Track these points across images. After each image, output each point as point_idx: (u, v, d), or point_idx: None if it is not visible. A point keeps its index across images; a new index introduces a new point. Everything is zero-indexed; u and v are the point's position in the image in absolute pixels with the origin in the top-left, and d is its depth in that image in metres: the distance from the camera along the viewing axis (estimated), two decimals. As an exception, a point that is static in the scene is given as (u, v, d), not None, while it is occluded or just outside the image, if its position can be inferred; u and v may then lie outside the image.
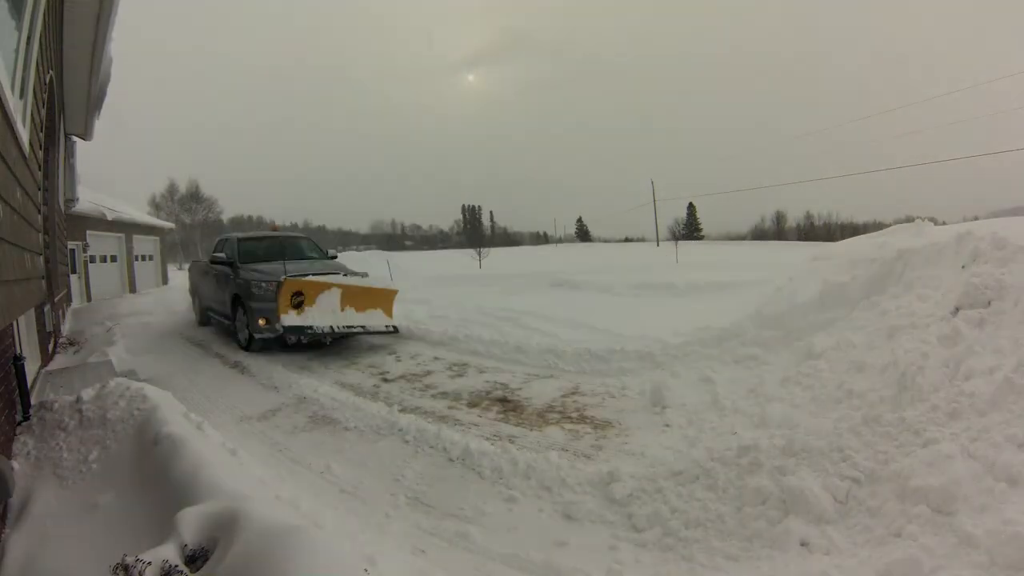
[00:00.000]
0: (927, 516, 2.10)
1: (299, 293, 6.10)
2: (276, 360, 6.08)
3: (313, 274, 6.53)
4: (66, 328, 8.16)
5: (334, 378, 5.36)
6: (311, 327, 6.05)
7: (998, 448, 2.26)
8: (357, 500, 2.97)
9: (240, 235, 8.08)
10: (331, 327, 6.17)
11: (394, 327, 6.81)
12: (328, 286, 6.33)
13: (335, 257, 8.59)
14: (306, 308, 6.11)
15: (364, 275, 7.23)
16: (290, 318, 5.98)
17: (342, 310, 6.40)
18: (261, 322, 6.21)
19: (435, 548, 2.50)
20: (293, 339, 6.25)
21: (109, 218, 13.34)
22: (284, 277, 6.03)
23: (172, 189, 47.59)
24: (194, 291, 9.24)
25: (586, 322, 6.46)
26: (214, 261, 7.63)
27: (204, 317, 8.66)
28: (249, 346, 6.59)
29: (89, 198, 12.75)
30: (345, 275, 6.92)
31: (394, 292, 7.09)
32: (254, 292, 6.31)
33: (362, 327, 6.50)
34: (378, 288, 6.92)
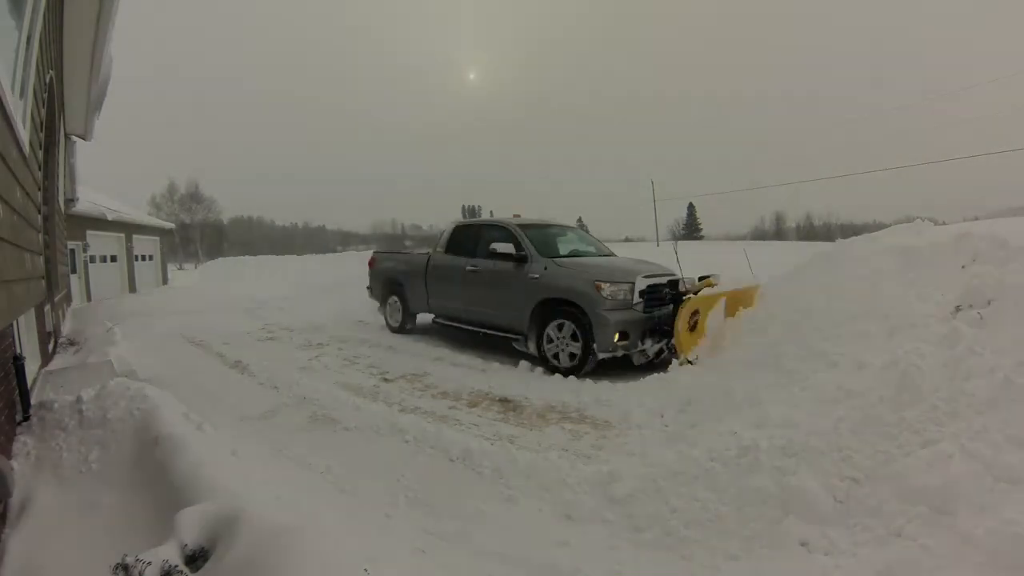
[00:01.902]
0: (927, 516, 2.10)
1: (696, 312, 4.79)
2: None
3: (648, 275, 5.19)
4: (66, 328, 8.16)
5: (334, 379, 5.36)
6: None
7: (998, 448, 2.26)
8: (357, 500, 2.97)
9: (519, 222, 6.18)
10: None
11: None
12: (717, 298, 4.92)
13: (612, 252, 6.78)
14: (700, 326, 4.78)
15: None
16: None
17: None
18: (616, 337, 4.77)
19: (435, 548, 2.50)
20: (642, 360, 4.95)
21: (109, 218, 13.34)
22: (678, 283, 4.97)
23: (172, 189, 47.68)
24: (391, 291, 7.56)
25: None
26: (493, 255, 5.78)
27: (406, 323, 7.29)
28: (581, 367, 4.94)
29: (89, 198, 12.76)
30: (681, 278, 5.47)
31: (756, 288, 5.27)
32: (605, 298, 4.83)
33: None
34: (748, 288, 5.27)
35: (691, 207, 68.60)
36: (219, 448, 2.83)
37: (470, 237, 6.51)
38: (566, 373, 4.96)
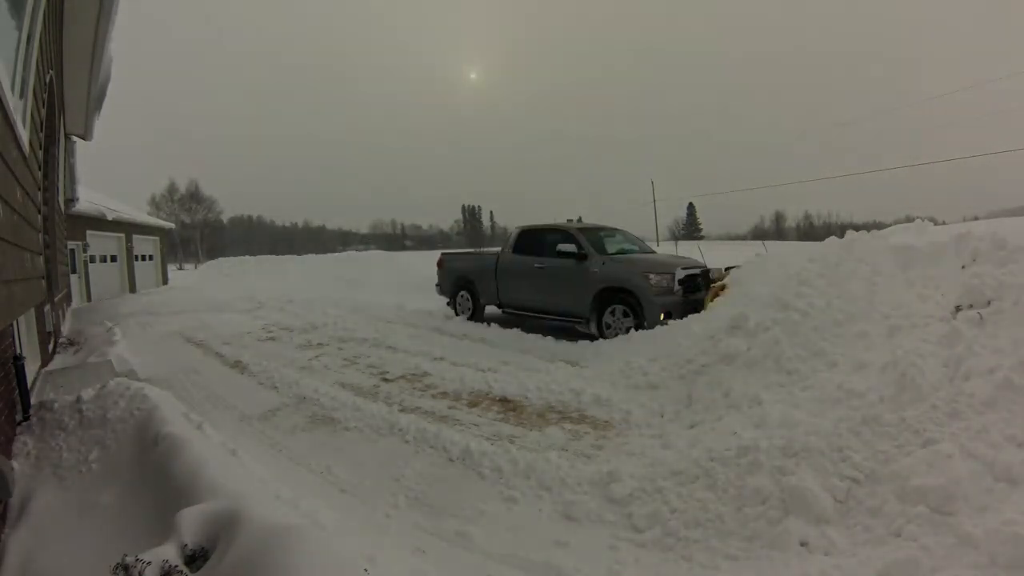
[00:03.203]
0: (927, 516, 2.10)
1: (718, 294, 5.75)
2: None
3: (686, 267, 6.33)
4: (66, 328, 8.16)
5: (334, 378, 5.36)
6: None
7: (998, 448, 2.26)
8: (357, 499, 2.97)
9: (578, 227, 7.52)
10: None
11: None
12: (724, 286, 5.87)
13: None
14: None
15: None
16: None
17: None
18: (661, 316, 5.89)
19: (435, 548, 2.51)
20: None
21: (109, 218, 13.35)
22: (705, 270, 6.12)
23: (172, 189, 47.73)
24: (460, 287, 8.69)
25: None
26: (559, 254, 7.01)
27: (476, 313, 8.36)
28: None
29: (89, 198, 12.76)
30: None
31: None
32: (652, 285, 6.06)
33: None
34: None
35: (691, 207, 68.71)
36: (219, 448, 2.84)
37: (534, 240, 7.77)
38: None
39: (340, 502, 2.91)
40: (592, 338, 6.41)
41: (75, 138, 8.84)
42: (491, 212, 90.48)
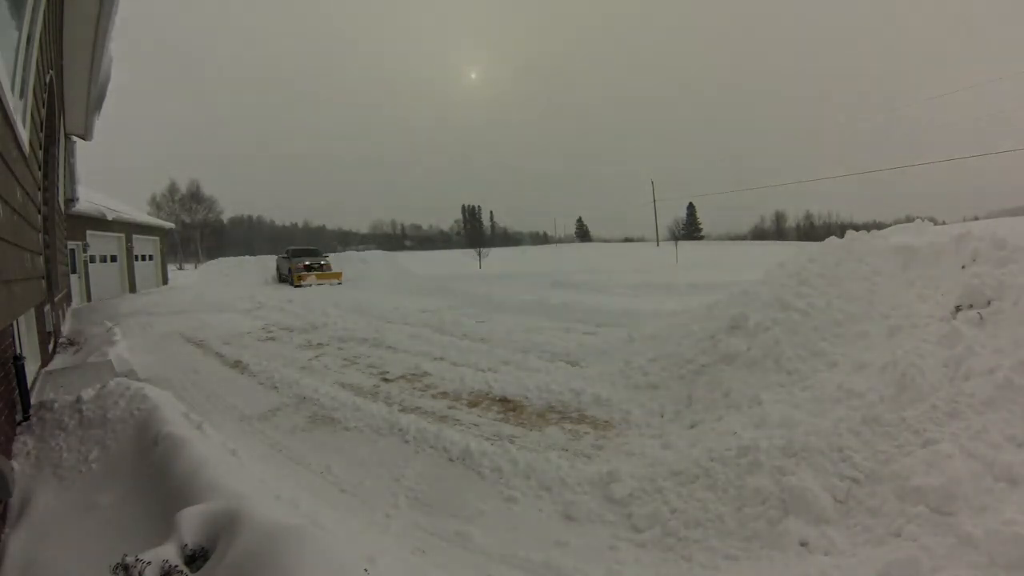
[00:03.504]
0: (927, 516, 2.10)
1: None
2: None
3: None
4: (66, 328, 8.16)
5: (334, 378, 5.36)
6: None
7: (998, 448, 2.26)
8: (357, 499, 2.97)
9: (296, 247, 12.24)
10: None
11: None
12: None
13: None
14: None
15: None
16: None
17: None
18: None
19: (435, 548, 2.51)
20: None
21: (109, 218, 13.34)
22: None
23: (172, 189, 47.68)
24: (280, 269, 17.11)
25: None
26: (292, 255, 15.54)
27: (286, 283, 16.62)
28: None
29: (89, 198, 12.75)
30: None
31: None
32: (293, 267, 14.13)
33: None
34: None
35: (691, 207, 68.70)
36: (219, 448, 2.84)
37: (293, 252, 18.81)
38: None
39: (340, 502, 2.91)
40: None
41: (75, 138, 8.83)
42: (491, 212, 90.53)
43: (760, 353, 4.01)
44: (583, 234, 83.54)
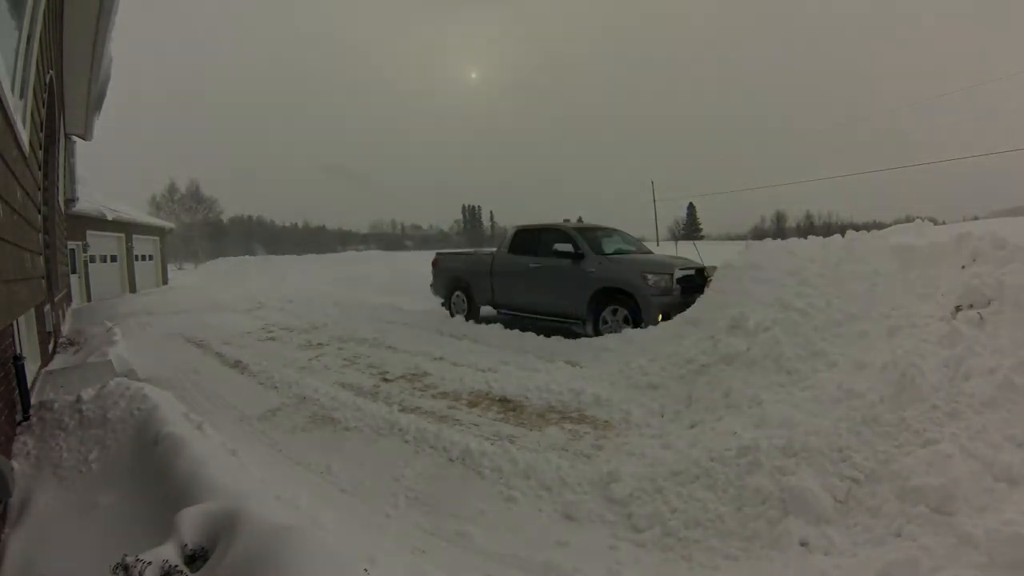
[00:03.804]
0: (927, 516, 2.10)
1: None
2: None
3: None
4: (66, 328, 8.16)
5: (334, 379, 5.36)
6: None
7: (998, 448, 2.27)
8: (357, 499, 2.97)
9: (574, 226, 7.51)
10: None
11: None
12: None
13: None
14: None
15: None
16: None
17: None
18: (660, 317, 5.84)
19: (435, 547, 2.51)
20: None
21: (109, 218, 13.35)
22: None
23: (172, 189, 47.77)
24: (461, 287, 8.62)
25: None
26: (558, 253, 6.93)
27: (474, 313, 8.35)
28: None
29: (89, 198, 12.76)
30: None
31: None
32: (651, 285, 6.09)
33: None
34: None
35: (691, 207, 68.65)
36: (219, 448, 2.84)
37: (530, 239, 7.66)
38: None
39: (340, 502, 2.91)
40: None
41: (75, 138, 8.84)
42: (491, 212, 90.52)
43: (760, 353, 4.01)
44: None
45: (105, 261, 14.43)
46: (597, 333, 6.38)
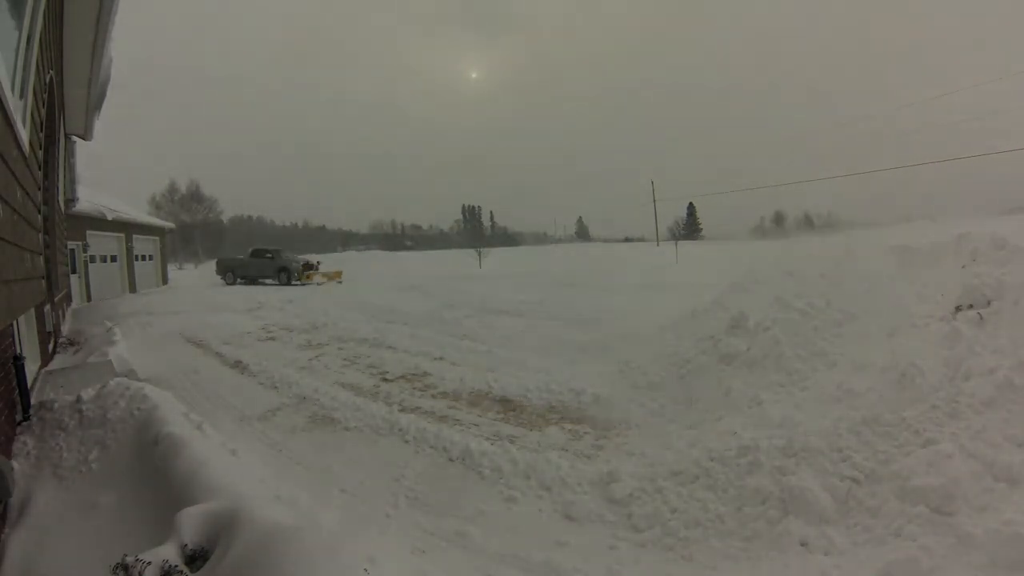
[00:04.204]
0: (927, 516, 2.10)
1: None
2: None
3: None
4: (66, 328, 8.16)
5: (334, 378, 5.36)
6: None
7: (998, 448, 2.26)
8: (357, 499, 2.97)
9: (264, 247, 14.91)
10: None
11: None
12: None
13: None
14: None
15: None
16: None
17: None
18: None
19: (435, 547, 2.51)
20: None
21: (109, 218, 13.34)
22: None
23: (172, 189, 47.76)
24: (230, 270, 20.43)
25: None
26: (261, 256, 18.27)
27: (234, 281, 20.43)
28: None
29: (89, 198, 12.75)
30: None
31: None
32: (295, 266, 16.31)
33: None
34: None
35: (691, 207, 68.60)
36: (219, 448, 2.84)
37: (256, 252, 19.59)
38: None
39: (340, 502, 2.91)
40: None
41: (75, 138, 8.83)
42: (491, 212, 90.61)
43: (760, 353, 4.01)
44: (583, 234, 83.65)
45: (105, 261, 14.42)
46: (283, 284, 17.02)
